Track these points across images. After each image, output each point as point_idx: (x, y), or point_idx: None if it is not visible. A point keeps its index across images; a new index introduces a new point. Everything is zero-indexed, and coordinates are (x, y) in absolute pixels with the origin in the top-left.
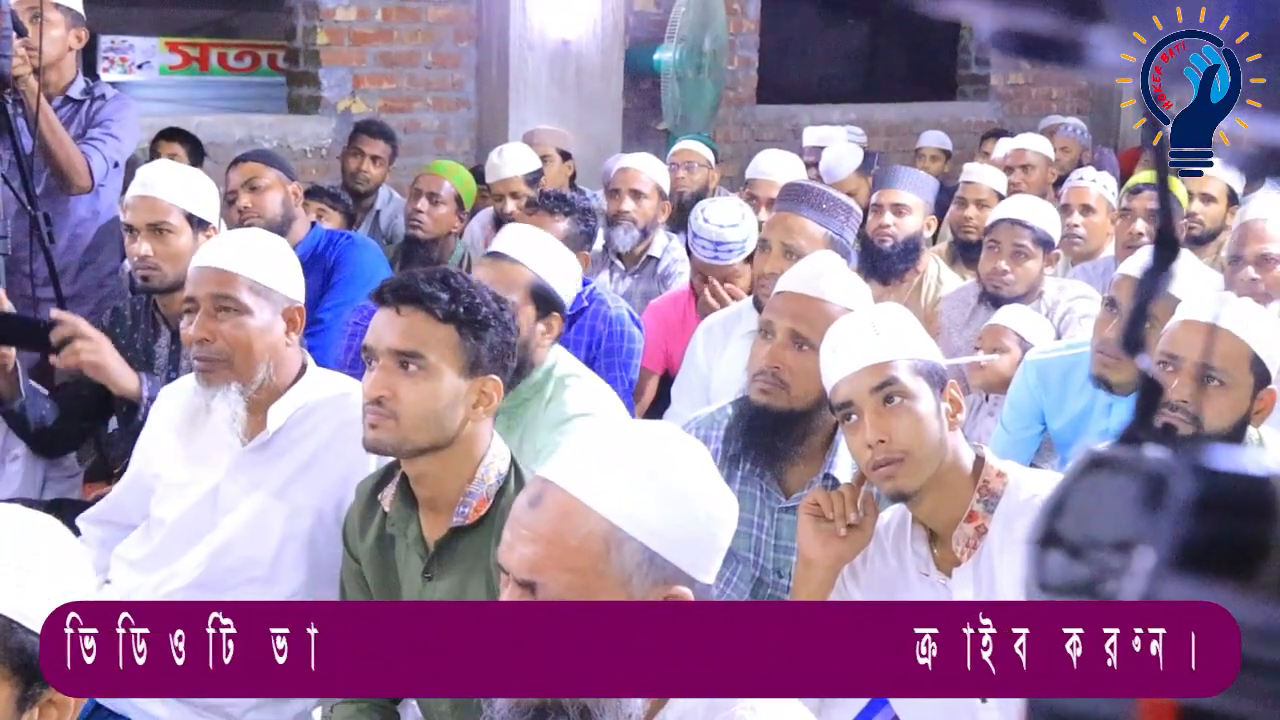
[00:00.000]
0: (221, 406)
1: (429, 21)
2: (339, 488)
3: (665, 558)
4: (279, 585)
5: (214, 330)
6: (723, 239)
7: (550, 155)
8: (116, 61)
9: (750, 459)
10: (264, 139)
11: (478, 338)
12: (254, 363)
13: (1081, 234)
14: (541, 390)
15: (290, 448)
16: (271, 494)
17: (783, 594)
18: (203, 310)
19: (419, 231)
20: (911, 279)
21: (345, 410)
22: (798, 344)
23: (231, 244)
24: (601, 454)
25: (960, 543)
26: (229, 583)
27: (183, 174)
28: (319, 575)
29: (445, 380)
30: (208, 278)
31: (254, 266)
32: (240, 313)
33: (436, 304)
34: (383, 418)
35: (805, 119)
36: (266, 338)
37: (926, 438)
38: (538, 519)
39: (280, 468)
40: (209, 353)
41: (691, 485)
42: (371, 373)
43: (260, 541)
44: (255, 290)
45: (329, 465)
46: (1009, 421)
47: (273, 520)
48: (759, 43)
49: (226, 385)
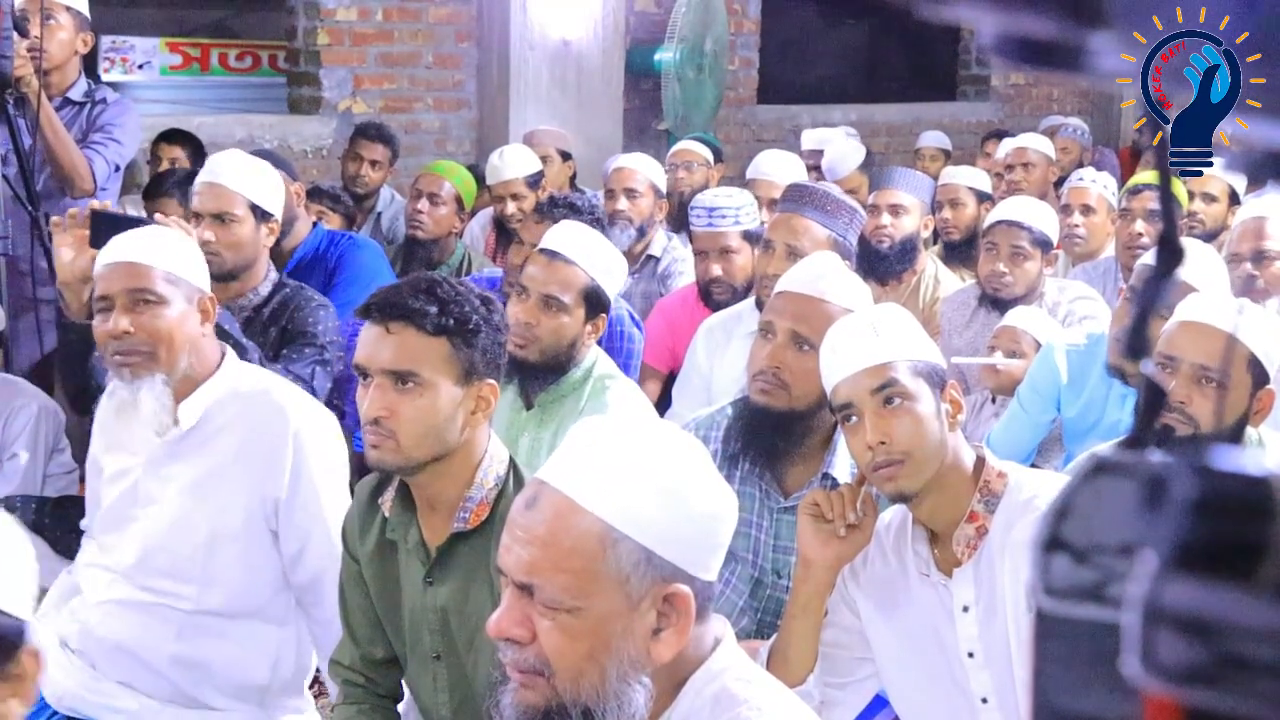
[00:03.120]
0: (148, 399)
1: (430, 22)
2: (267, 485)
3: (663, 556)
4: (218, 586)
5: (134, 323)
6: (716, 205)
7: (550, 156)
8: (117, 62)
9: (749, 459)
10: (265, 139)
11: (470, 345)
12: (176, 353)
13: (1082, 234)
14: (580, 389)
15: (209, 442)
16: (193, 491)
17: (782, 595)
18: (119, 305)
19: (419, 232)
20: (909, 279)
21: (267, 405)
22: (798, 344)
23: (139, 238)
24: (596, 454)
25: (961, 543)
26: (169, 585)
27: (251, 165)
28: (258, 576)
29: (442, 393)
30: (121, 273)
31: (165, 258)
32: (158, 304)
33: (426, 319)
34: (383, 438)
35: (806, 119)
36: (184, 327)
37: (927, 439)
38: (533, 521)
39: (199, 463)
40: (130, 345)
41: (688, 482)
42: (366, 392)
43: (187, 540)
44: (170, 280)
45: (253, 463)
46: (1029, 403)
47: (197, 518)
48: (760, 43)
49: (151, 376)
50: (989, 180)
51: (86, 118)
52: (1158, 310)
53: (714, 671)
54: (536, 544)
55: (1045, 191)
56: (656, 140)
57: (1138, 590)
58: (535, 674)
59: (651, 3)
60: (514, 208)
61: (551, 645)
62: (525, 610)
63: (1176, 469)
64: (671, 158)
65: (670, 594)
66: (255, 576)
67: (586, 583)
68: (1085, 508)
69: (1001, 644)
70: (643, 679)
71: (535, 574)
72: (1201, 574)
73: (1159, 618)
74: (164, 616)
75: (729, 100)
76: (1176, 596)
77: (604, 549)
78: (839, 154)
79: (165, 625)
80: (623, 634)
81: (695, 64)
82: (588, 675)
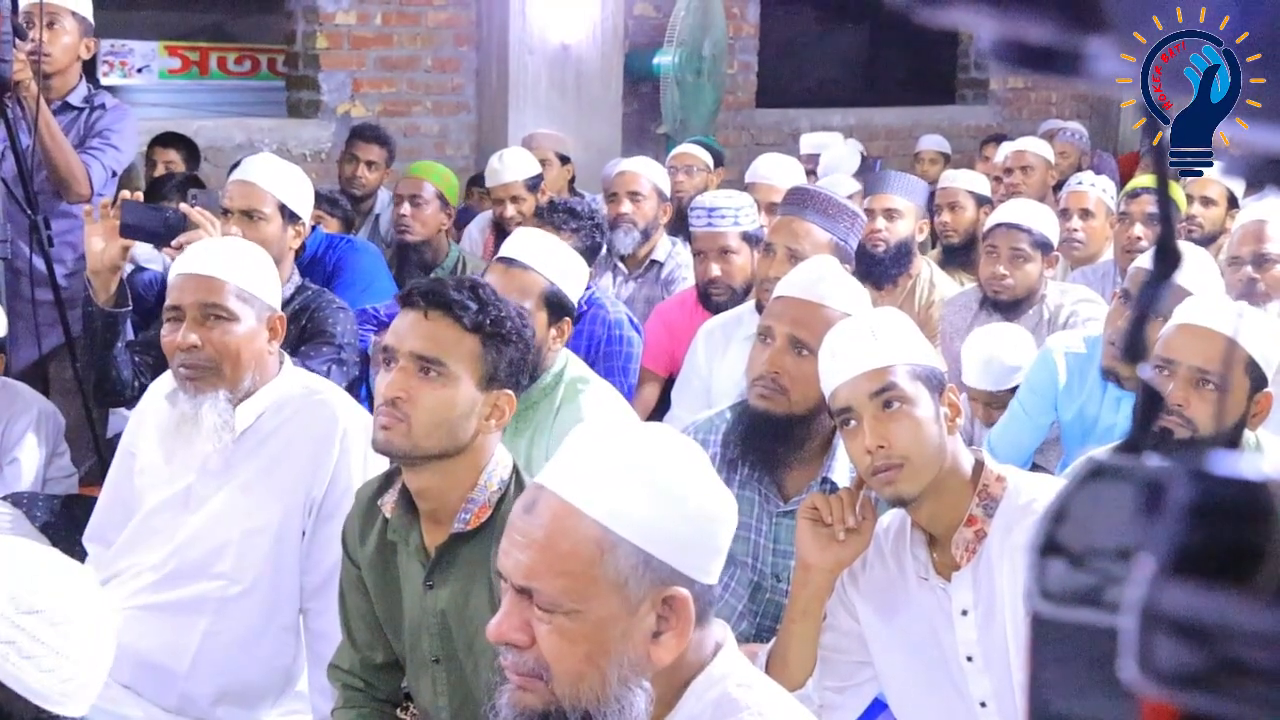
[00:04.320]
0: (210, 415)
1: (429, 26)
2: (305, 480)
3: (661, 560)
4: (241, 580)
5: (203, 337)
6: (715, 205)
7: (549, 159)
8: (116, 65)
9: (749, 463)
10: (264, 143)
11: (499, 351)
12: (241, 370)
13: (1081, 238)
14: (551, 394)
15: (260, 445)
16: (239, 488)
17: (781, 599)
18: (189, 318)
19: (408, 235)
20: (905, 283)
21: (313, 405)
22: (797, 349)
23: (215, 251)
24: (594, 458)
25: (960, 547)
26: (193, 577)
27: (283, 167)
28: (282, 567)
29: (462, 389)
30: (194, 285)
31: (240, 273)
32: (228, 320)
33: (465, 312)
34: (395, 420)
35: (805, 123)
36: (253, 345)
37: (926, 443)
38: (531, 525)
39: (249, 464)
40: (197, 359)
41: (686, 486)
42: (389, 373)
43: (223, 533)
44: (242, 297)
45: (296, 459)
46: (1028, 404)
47: (236, 513)
48: (758, 47)
49: (215, 392)
50: (988, 184)
51: (85, 123)
52: (1155, 314)
53: (715, 677)
54: (535, 547)
55: (1044, 195)
56: (655, 144)
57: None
58: (534, 677)
59: (650, 7)
60: (513, 211)
61: (551, 649)
62: (524, 614)
63: (1173, 473)
64: (671, 162)
65: (669, 597)
66: (276, 568)
67: (585, 586)
68: (1082, 512)
69: (1000, 648)
70: (643, 683)
71: (534, 577)
72: (1198, 578)
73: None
74: (191, 622)
75: (728, 104)
76: (1173, 601)
77: (602, 552)
78: (835, 158)
79: (190, 632)
80: (622, 637)
81: (694, 68)
82: (587, 679)
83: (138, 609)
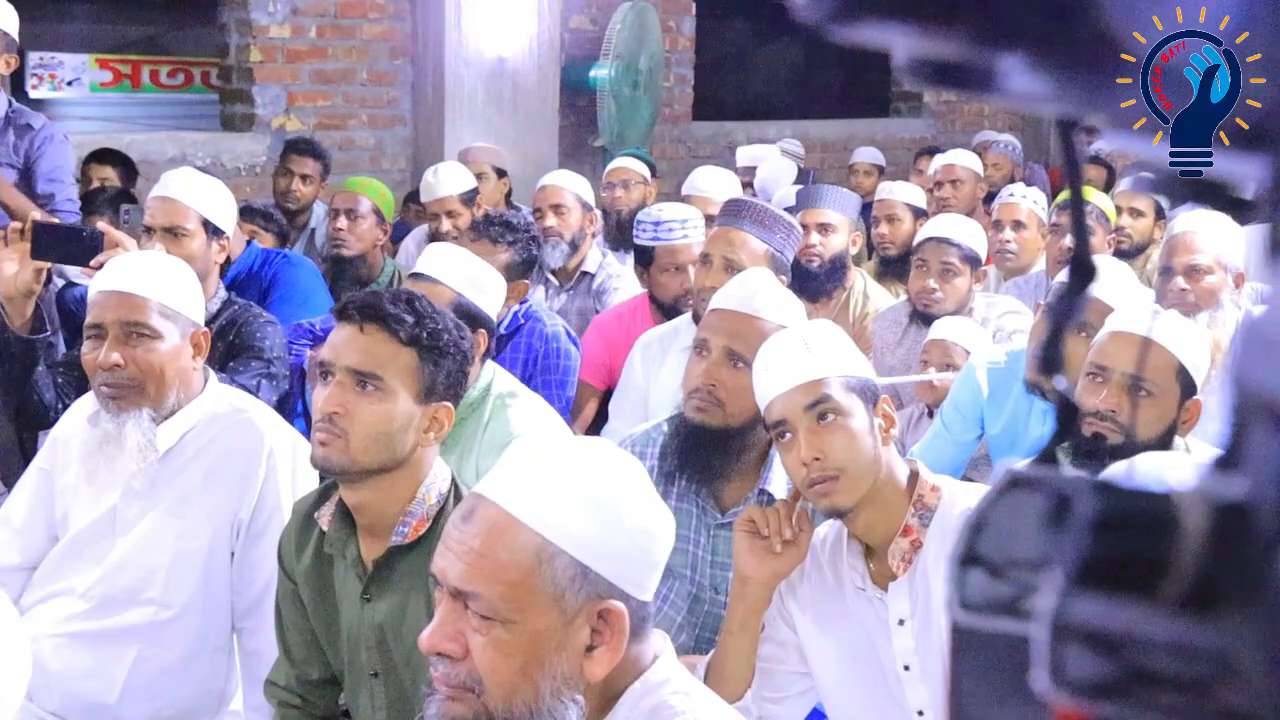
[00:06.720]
0: (134, 434)
1: (364, 39)
2: (233, 501)
3: (598, 572)
4: (172, 605)
5: (126, 356)
6: (660, 219)
7: (486, 173)
8: (45, 78)
9: (686, 476)
10: (197, 157)
11: (436, 364)
12: (165, 389)
13: (1013, 249)
14: (479, 409)
15: (185, 464)
16: (166, 510)
17: (719, 611)
18: (112, 336)
19: (343, 250)
20: (839, 296)
21: (239, 423)
22: (733, 361)
23: (137, 267)
24: (533, 469)
25: (896, 557)
26: (124, 604)
27: (204, 182)
28: (212, 590)
29: (400, 403)
30: (116, 302)
31: (162, 290)
32: (152, 338)
33: (401, 326)
34: (333, 436)
35: (741, 136)
36: (177, 363)
37: (861, 454)
38: (469, 533)
39: (175, 484)
40: (120, 379)
41: (624, 500)
42: (326, 388)
43: (153, 558)
44: (165, 314)
45: (222, 479)
46: (951, 422)
47: (166, 536)
48: (694, 60)
49: (138, 411)
50: (924, 196)
51: (14, 141)
52: (1071, 326)
53: (652, 684)
54: (473, 555)
55: (974, 208)
56: (592, 156)
57: (1045, 605)
58: (466, 690)
59: (586, 20)
60: (449, 225)
61: (485, 661)
62: (459, 624)
63: (1079, 485)
64: (608, 176)
65: (605, 610)
66: (206, 593)
67: (522, 595)
68: (1000, 522)
69: (937, 657)
70: (576, 696)
71: (470, 582)
72: (1105, 589)
73: (1065, 633)
74: (121, 651)
75: (664, 117)
76: (1082, 612)
77: (540, 562)
78: (772, 174)
79: (121, 661)
80: (556, 650)
81: (630, 81)
82: (520, 692)
83: (67, 636)
